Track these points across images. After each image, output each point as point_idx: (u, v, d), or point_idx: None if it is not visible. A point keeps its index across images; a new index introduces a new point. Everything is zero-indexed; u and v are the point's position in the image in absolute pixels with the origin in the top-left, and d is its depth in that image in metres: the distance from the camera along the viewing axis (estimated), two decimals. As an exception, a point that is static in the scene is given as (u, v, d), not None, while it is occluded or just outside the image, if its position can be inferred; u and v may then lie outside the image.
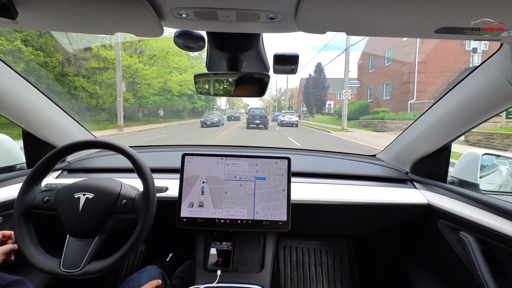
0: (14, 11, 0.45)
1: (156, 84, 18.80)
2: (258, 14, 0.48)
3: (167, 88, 20.09)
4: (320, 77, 29.09)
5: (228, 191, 0.91)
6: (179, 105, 24.17)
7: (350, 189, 1.07)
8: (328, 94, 30.32)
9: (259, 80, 0.72)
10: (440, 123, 0.95)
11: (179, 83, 19.92)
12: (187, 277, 1.18)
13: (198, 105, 29.31)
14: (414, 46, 14.64)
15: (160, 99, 21.91)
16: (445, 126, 0.94)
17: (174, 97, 22.64)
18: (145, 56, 17.76)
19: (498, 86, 0.72)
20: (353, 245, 1.56)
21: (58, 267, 0.66)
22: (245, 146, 1.44)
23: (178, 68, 20.28)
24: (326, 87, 29.19)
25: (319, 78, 29.06)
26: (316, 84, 29.05)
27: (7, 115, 0.93)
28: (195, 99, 27.77)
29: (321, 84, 28.97)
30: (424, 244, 1.08)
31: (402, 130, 1.20)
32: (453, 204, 0.92)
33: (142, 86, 18.95)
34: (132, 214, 0.74)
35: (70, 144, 0.76)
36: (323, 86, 29.08)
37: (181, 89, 20.80)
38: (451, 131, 0.93)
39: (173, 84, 19.59)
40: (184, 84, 20.17)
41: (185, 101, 25.33)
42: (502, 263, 0.75)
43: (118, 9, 0.47)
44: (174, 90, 20.29)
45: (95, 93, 13.52)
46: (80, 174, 1.13)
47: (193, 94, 25.15)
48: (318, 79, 29.03)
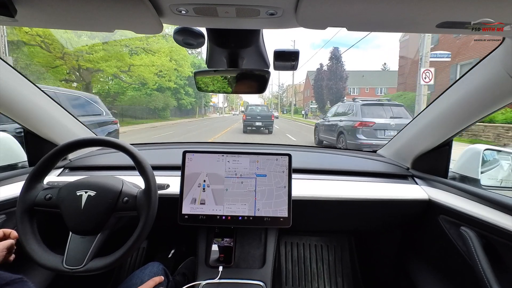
0: (13, 9, 0.45)
1: (108, 69, 13.17)
2: (258, 10, 0.48)
3: (141, 79, 15.36)
4: (338, 65, 23.25)
5: (229, 188, 0.92)
6: (158, 102, 18.88)
7: (351, 185, 1.08)
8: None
9: (259, 76, 0.72)
10: (441, 119, 0.95)
11: (156, 73, 15.37)
12: (189, 273, 1.19)
13: (186, 101, 23.97)
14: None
15: (139, 94, 17.89)
16: (446, 121, 0.94)
17: (154, 92, 18.42)
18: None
19: (499, 80, 0.72)
20: (354, 240, 1.56)
21: (61, 263, 0.67)
22: (246, 143, 1.44)
23: (149, 50, 14.91)
24: (345, 78, 23.23)
25: (336, 67, 23.15)
26: (332, 75, 23.07)
27: (8, 113, 0.93)
28: (181, 94, 22.72)
29: (339, 74, 23.04)
30: (425, 239, 1.09)
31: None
32: (454, 199, 0.93)
33: (97, 74, 14.18)
34: (134, 212, 0.74)
35: (71, 142, 0.76)
36: (340, 76, 23.00)
37: (159, 81, 16.50)
38: (453, 127, 0.93)
39: (146, 72, 14.50)
40: (165, 72, 15.87)
41: (168, 96, 20.18)
42: (503, 258, 0.75)
43: (117, 6, 0.46)
44: (150, 81, 15.44)
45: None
46: (81, 172, 1.14)
47: (179, 88, 21.56)
48: (335, 69, 23.09)
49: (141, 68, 14.45)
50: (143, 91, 18.01)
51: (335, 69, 23.38)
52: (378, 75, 36.47)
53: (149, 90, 17.80)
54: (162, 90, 19.51)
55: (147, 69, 14.60)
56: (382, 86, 34.14)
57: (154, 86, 17.19)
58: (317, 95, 26.39)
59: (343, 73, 22.98)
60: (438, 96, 0.95)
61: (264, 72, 0.71)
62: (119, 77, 15.85)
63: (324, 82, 24.23)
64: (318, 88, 25.46)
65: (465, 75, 0.83)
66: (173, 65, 16.54)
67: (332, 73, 23.41)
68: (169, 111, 21.12)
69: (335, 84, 22.86)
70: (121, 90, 17.64)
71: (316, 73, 26.46)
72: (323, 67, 25.30)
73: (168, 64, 15.94)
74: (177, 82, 20.49)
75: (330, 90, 23.31)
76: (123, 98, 17.26)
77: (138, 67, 14.23)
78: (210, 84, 0.76)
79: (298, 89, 45.28)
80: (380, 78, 35.24)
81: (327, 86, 23.61)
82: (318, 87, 25.46)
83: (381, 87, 34.37)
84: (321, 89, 24.99)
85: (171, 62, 16.35)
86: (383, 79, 34.52)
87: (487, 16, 0.47)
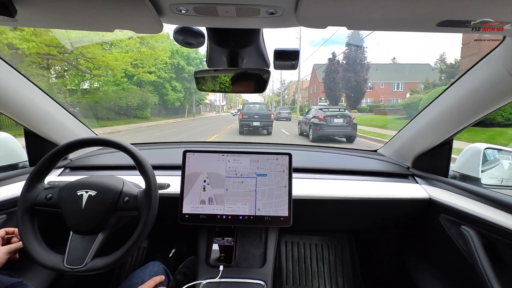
0: (13, 9, 0.45)
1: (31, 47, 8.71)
2: (258, 9, 0.48)
3: (101, 65, 11.72)
4: (357, 53, 18.47)
5: (230, 188, 0.92)
6: (131, 98, 14.45)
7: (352, 185, 1.08)
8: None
9: (259, 76, 0.72)
10: (442, 118, 0.95)
11: (130, 62, 12.25)
12: (190, 272, 1.19)
13: (172, 97, 19.50)
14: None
15: (116, 89, 14.22)
16: (446, 120, 0.94)
17: (131, 87, 14.71)
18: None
19: (500, 79, 0.71)
20: (354, 239, 1.56)
21: (62, 263, 0.67)
22: (246, 142, 1.44)
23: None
24: (366, 69, 18.30)
25: (354, 56, 18.34)
26: (350, 66, 18.28)
27: (9, 113, 0.94)
28: (167, 89, 18.64)
29: (358, 64, 18.08)
30: (426, 238, 1.09)
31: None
32: (454, 198, 0.92)
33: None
34: (134, 211, 0.74)
35: (72, 142, 0.76)
36: (360, 67, 18.11)
37: (134, 72, 13.27)
38: (453, 126, 0.93)
39: (111, 59, 11.23)
40: (140, 61, 12.70)
41: (147, 92, 16.04)
42: (504, 257, 0.75)
43: (117, 6, 0.46)
44: (117, 70, 11.99)
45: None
46: (82, 172, 1.14)
47: (163, 82, 18.20)
48: (354, 56, 18.24)
49: (101, 52, 11.04)
50: (120, 86, 14.50)
51: (354, 57, 18.65)
52: (393, 68, 31.58)
53: (126, 84, 14.25)
54: (141, 85, 16.18)
55: (111, 54, 11.34)
56: (399, 81, 29.65)
57: (123, 78, 13.37)
58: (328, 90, 21.77)
59: (364, 62, 18.04)
60: (438, 95, 0.95)
61: (264, 72, 0.71)
62: (73, 65, 11.54)
63: (339, 74, 19.76)
64: (330, 82, 21.01)
65: (465, 74, 0.83)
66: (145, 49, 13.72)
67: (351, 62, 18.50)
68: (149, 109, 16.54)
69: (354, 76, 17.97)
70: (85, 83, 13.82)
71: (328, 64, 21.62)
72: (336, 57, 20.60)
73: (134, 44, 12.94)
74: (160, 75, 17.83)
75: (348, 84, 18.49)
76: (95, 96, 13.56)
77: (96, 49, 10.68)
78: (210, 83, 0.76)
79: (301, 86, 43.19)
80: (396, 72, 30.50)
81: (344, 78, 19.05)
82: (330, 81, 21.02)
83: (398, 81, 29.65)
84: (334, 83, 20.59)
85: (143, 47, 13.68)
86: (400, 73, 30.27)
87: (488, 15, 0.47)
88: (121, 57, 12.46)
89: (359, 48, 18.02)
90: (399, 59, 44.81)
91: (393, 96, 28.28)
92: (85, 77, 13.56)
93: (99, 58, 11.54)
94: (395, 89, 29.65)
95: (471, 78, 0.81)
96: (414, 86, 22.03)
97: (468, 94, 0.82)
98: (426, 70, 28.01)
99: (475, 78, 0.79)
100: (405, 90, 27.44)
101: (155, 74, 16.65)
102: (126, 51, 13.27)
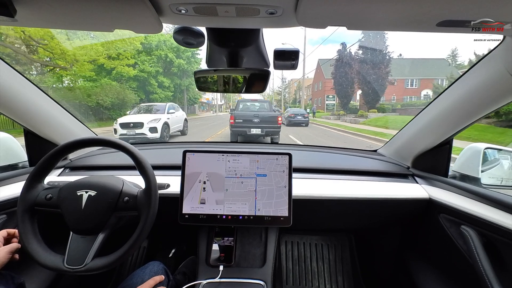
0: (13, 9, 0.45)
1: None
2: (258, 9, 0.48)
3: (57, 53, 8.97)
4: (376, 40, 15.33)
5: (230, 188, 0.92)
6: (104, 96, 11.84)
7: (352, 184, 1.08)
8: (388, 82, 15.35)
9: (259, 76, 0.72)
10: (442, 117, 0.95)
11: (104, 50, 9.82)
12: (189, 272, 1.19)
13: (159, 95, 16.87)
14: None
15: (91, 85, 11.80)
16: (446, 120, 0.94)
17: (110, 82, 12.47)
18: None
19: (500, 79, 0.71)
20: (354, 239, 1.57)
21: (62, 263, 0.67)
22: (246, 142, 1.44)
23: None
24: (386, 62, 14.86)
25: (374, 44, 15.12)
26: (368, 58, 14.88)
27: (9, 113, 0.94)
28: (153, 86, 16.10)
29: (378, 54, 14.93)
30: (425, 238, 1.09)
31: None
32: (454, 198, 0.93)
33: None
34: (134, 211, 0.74)
35: (71, 142, 0.76)
36: (381, 60, 14.89)
37: (110, 64, 10.77)
38: (453, 125, 0.93)
39: (63, 47, 8.81)
40: (118, 48, 10.47)
41: (125, 89, 13.42)
42: (503, 256, 0.75)
43: (117, 6, 0.46)
44: (79, 60, 9.58)
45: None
46: (82, 172, 1.14)
47: (148, 78, 15.77)
48: (373, 46, 14.88)
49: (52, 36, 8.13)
50: (97, 82, 12.14)
51: (374, 46, 15.22)
52: (407, 64, 27.82)
53: (105, 79, 11.86)
54: (121, 80, 13.64)
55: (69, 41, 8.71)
56: (414, 77, 26.45)
57: (90, 72, 10.41)
58: (339, 87, 18.43)
59: (385, 53, 14.54)
60: (438, 94, 0.95)
61: (264, 72, 0.71)
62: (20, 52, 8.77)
63: (353, 68, 16.71)
64: (341, 77, 17.80)
65: (465, 73, 0.83)
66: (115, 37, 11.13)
67: (369, 52, 15.14)
68: (128, 109, 12.85)
69: (374, 68, 14.59)
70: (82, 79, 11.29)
71: (338, 57, 18.52)
72: (347, 49, 17.38)
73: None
74: (144, 68, 15.51)
75: (365, 78, 15.27)
76: (76, 93, 11.26)
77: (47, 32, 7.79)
78: (210, 83, 0.76)
79: (304, 83, 42.64)
80: (410, 67, 27.12)
81: (360, 72, 15.99)
82: (341, 76, 17.78)
83: (412, 78, 26.44)
84: (345, 78, 17.54)
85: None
86: (414, 69, 26.90)
87: (488, 15, 0.47)
88: (90, 46, 10.25)
89: (378, 35, 15.18)
90: (404, 55, 43.15)
91: (407, 94, 26.23)
92: (42, 70, 10.77)
93: (53, 45, 8.83)
94: (409, 86, 26.87)
95: (471, 78, 0.81)
96: (429, 83, 20.95)
97: (468, 94, 0.82)
98: (443, 66, 27.01)
99: (475, 78, 0.79)
100: (419, 87, 25.86)
101: (138, 68, 14.51)
102: (94, 38, 10.64)
